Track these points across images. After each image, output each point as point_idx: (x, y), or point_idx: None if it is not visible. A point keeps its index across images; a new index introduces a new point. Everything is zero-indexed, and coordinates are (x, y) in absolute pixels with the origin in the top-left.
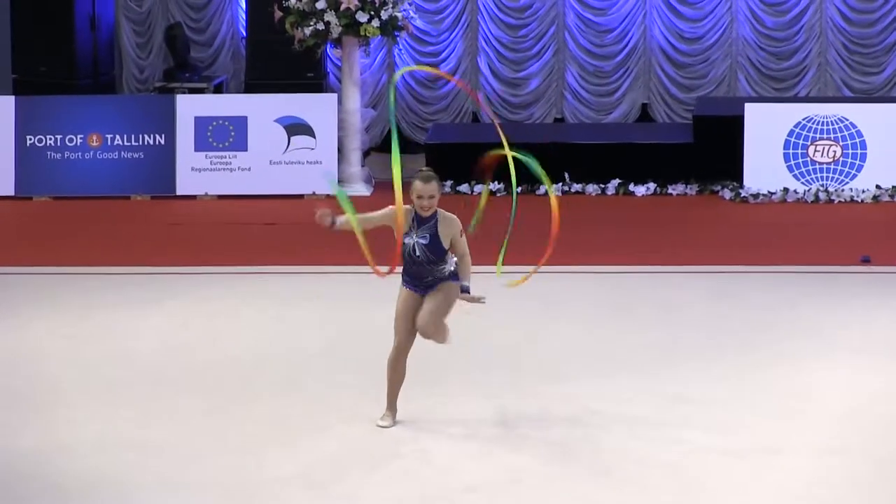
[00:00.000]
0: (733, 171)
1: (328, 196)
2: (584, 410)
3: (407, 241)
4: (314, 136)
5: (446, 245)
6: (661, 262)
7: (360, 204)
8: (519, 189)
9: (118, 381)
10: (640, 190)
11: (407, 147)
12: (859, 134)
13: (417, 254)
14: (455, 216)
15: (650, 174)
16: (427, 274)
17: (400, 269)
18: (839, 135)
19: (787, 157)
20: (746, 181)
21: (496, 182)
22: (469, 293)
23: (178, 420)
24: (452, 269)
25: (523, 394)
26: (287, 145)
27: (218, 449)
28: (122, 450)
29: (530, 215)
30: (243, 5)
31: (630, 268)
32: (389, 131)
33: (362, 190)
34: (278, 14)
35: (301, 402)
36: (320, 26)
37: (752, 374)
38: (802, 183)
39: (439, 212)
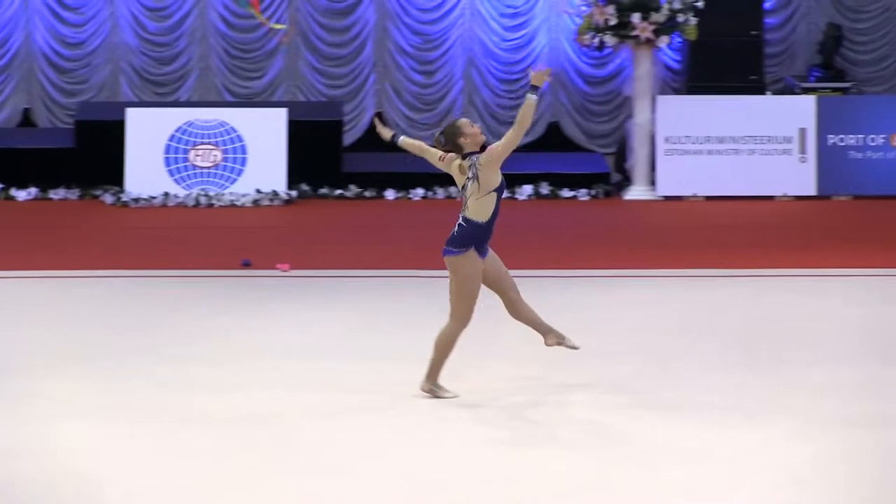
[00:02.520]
0: (116, 175)
1: None
2: None
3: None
4: None
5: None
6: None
7: None
8: None
9: None
10: (22, 195)
11: None
12: (240, 139)
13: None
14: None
15: (32, 179)
16: (492, 227)
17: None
18: (220, 139)
19: (168, 162)
20: (128, 186)
21: None
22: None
23: None
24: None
25: None
26: None
27: None
28: None
29: None
30: None
31: None
32: None
33: None
34: None
35: None
36: None
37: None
38: (183, 187)
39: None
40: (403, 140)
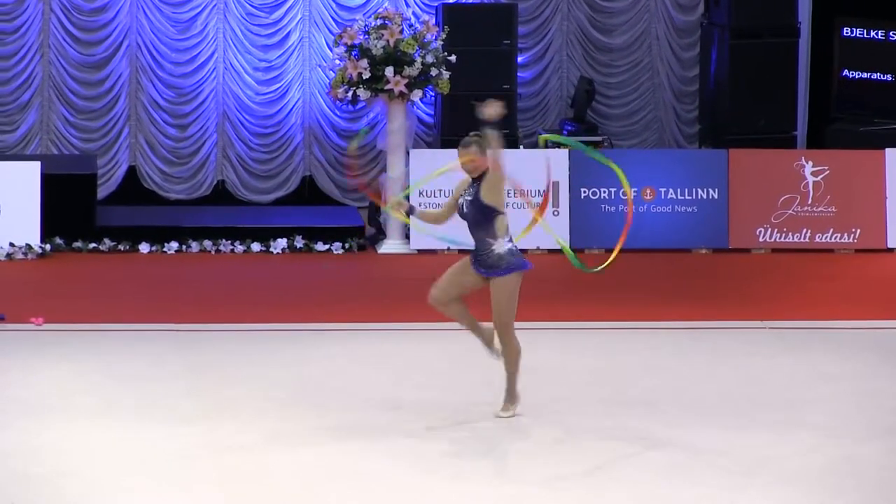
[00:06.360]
0: None
1: None
2: None
3: (460, 200)
4: None
5: (487, 201)
6: None
7: None
8: None
9: None
10: None
11: None
12: None
13: (465, 210)
14: (501, 174)
15: None
16: (477, 242)
17: None
18: None
19: None
20: None
21: None
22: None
23: None
24: (503, 252)
25: None
26: None
27: None
28: None
29: None
30: None
31: None
32: None
33: None
34: None
35: None
36: None
37: None
38: None
39: (489, 171)
40: (420, 212)
